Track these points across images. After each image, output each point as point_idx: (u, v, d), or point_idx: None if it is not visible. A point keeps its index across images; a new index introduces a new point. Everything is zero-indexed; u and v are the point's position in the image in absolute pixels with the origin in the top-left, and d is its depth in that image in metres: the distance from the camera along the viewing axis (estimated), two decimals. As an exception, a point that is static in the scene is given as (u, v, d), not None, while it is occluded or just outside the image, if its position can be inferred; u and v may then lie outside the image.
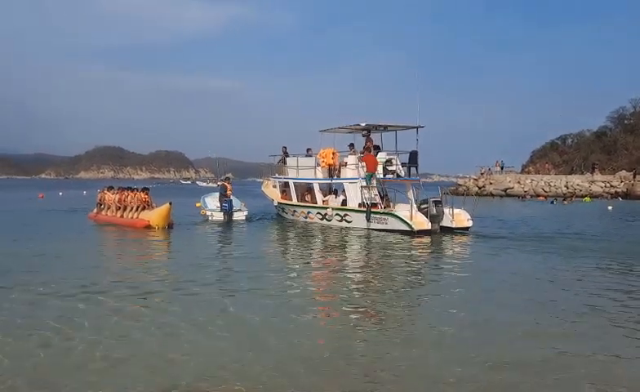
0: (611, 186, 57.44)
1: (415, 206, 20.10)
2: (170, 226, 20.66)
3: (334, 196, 23.53)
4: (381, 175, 22.01)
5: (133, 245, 16.93)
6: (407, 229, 19.31)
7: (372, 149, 22.33)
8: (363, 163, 21.70)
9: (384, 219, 20.29)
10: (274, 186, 27.50)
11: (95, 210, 24.47)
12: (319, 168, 23.70)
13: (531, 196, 56.73)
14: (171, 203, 20.78)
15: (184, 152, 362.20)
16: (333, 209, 22.66)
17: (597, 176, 62.48)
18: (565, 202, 45.78)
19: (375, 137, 23.47)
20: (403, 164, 23.07)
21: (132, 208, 21.82)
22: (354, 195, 21.72)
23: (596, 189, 57.37)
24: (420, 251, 15.95)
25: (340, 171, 23.09)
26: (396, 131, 23.39)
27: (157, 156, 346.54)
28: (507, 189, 59.75)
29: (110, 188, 24.26)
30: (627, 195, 53.81)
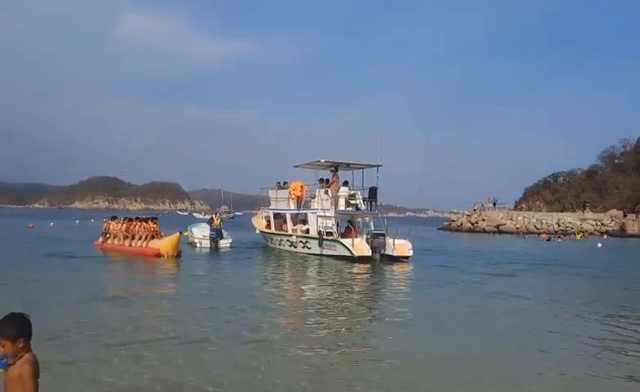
0: (602, 224, 57.98)
1: (364, 236, 22.78)
2: (178, 255, 21.31)
3: (302, 225, 25.01)
4: (343, 208, 23.72)
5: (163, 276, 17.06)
6: (349, 254, 21.47)
7: (338, 183, 24.13)
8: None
9: (334, 245, 22.48)
10: (262, 217, 28.85)
11: (100, 239, 25.23)
12: (291, 200, 25.61)
13: (526, 233, 56.37)
14: (180, 232, 21.70)
15: (180, 183, 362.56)
16: (297, 237, 24.64)
17: (589, 214, 63.06)
18: (559, 240, 45.95)
19: (347, 174, 25.51)
20: (364, 199, 24.46)
21: (141, 237, 22.55)
22: (315, 224, 23.65)
23: (587, 226, 57.84)
24: (352, 278, 17.23)
25: (310, 203, 25.03)
26: (363, 169, 24.97)
27: (152, 187, 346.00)
28: (499, 225, 59.99)
29: (114, 218, 25.40)
30: (618, 233, 54.25)
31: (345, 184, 24.54)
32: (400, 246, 22.36)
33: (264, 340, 8.43)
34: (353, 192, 24.34)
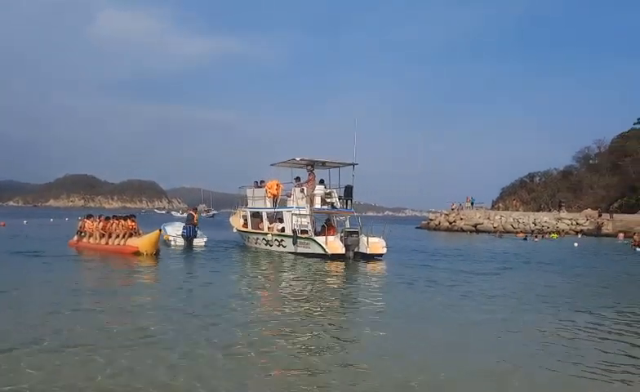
0: (577, 224, 58.83)
1: (338, 234, 22.89)
2: (157, 253, 21.19)
3: (278, 223, 24.98)
4: (319, 206, 23.81)
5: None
6: (323, 252, 21.66)
7: (314, 182, 24.15)
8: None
9: (307, 244, 22.58)
10: (240, 216, 28.70)
11: (75, 238, 24.67)
12: (267, 198, 25.78)
13: (503, 232, 56.76)
14: (160, 230, 21.74)
15: (157, 181, 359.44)
16: (273, 235, 24.67)
17: (564, 214, 63.98)
18: (536, 239, 46.44)
19: (324, 173, 25.45)
20: (340, 197, 24.48)
21: (118, 235, 22.25)
22: (290, 223, 23.68)
23: (562, 226, 58.62)
24: (324, 277, 17.05)
25: (287, 201, 25.10)
26: (339, 167, 24.95)
27: (129, 185, 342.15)
28: (477, 224, 60.53)
29: (89, 216, 24.85)
30: (593, 233, 55.10)
31: (321, 182, 24.60)
32: (374, 244, 22.49)
33: (233, 346, 8.19)
34: (328, 190, 24.41)
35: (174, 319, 9.72)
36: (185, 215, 30.23)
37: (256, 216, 26.79)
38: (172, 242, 26.38)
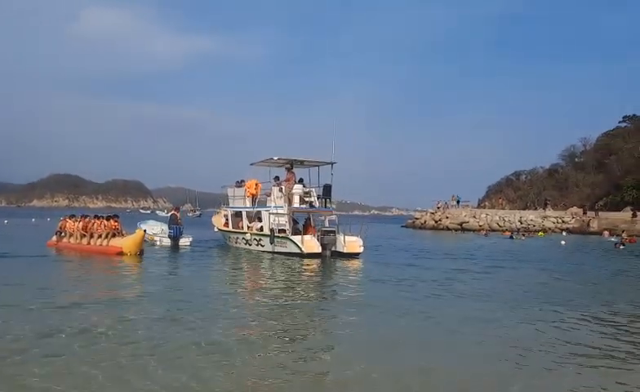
0: (563, 222, 59.00)
1: (316, 233, 22.96)
2: (141, 253, 21.07)
3: (257, 223, 24.97)
4: (297, 205, 23.90)
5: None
6: (300, 252, 21.66)
7: (293, 181, 24.26)
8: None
9: (284, 243, 22.62)
10: (223, 215, 28.70)
11: (54, 237, 24.18)
12: (247, 198, 25.88)
13: (489, 231, 56.63)
14: (145, 231, 22.03)
15: (142, 181, 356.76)
16: (252, 234, 24.69)
17: (550, 212, 64.15)
18: (523, 237, 46.34)
19: (303, 172, 25.57)
20: (319, 196, 24.56)
21: (101, 235, 21.91)
22: (268, 222, 23.78)
23: (548, 224, 58.73)
24: (299, 277, 16.92)
25: (267, 201, 25.13)
26: (318, 166, 24.99)
27: (114, 185, 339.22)
28: (463, 223, 60.44)
29: (72, 216, 24.56)
30: (579, 231, 55.27)
31: (300, 181, 24.60)
32: (351, 243, 22.56)
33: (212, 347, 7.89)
34: (307, 189, 24.40)
35: (150, 321, 9.32)
36: (169, 214, 29.87)
37: (237, 215, 26.81)
38: (157, 243, 26.17)
